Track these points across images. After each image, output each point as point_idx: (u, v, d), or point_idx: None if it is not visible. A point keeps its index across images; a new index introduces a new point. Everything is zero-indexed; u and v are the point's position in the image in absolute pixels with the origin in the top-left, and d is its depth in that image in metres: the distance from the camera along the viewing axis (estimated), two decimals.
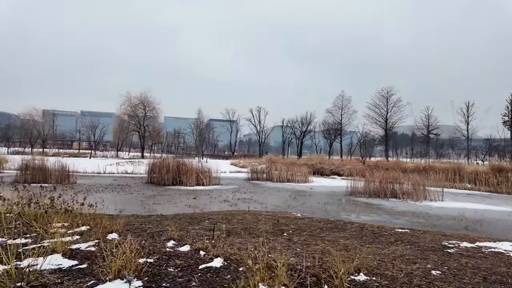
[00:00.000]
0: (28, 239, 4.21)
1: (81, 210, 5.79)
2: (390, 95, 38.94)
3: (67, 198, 6.35)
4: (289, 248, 4.40)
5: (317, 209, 10.14)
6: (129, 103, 43.20)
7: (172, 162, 16.89)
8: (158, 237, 4.64)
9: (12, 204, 5.56)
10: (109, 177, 20.57)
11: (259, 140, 51.18)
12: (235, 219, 6.73)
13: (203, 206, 9.79)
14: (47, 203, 5.57)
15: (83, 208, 5.93)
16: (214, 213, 7.68)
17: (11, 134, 45.17)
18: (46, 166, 16.17)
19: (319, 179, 23.04)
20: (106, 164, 25.25)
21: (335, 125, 42.64)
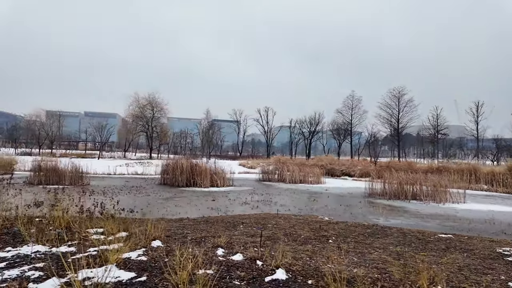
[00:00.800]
0: (72, 247, 3.99)
1: (115, 214, 5.59)
2: (402, 95, 38.60)
3: (89, 201, 6.16)
4: (344, 257, 4.16)
5: (342, 212, 9.89)
6: (137, 104, 43.20)
7: (186, 163, 16.69)
8: (203, 244, 4.41)
9: (54, 208, 5.36)
10: (120, 178, 20.42)
11: (266, 141, 50.84)
12: (269, 223, 6.50)
13: (225, 209, 9.58)
14: (89, 208, 5.37)
15: (115, 213, 5.73)
16: (244, 217, 7.44)
17: (18, 135, 45.24)
18: (59, 167, 16.01)
19: (331, 180, 22.76)
20: (115, 165, 25.11)
21: (345, 125, 42.28)
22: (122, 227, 5.00)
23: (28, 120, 56.93)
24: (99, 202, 7.26)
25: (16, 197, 7.48)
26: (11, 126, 62.14)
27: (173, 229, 5.50)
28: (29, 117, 57.21)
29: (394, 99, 38.70)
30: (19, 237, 4.40)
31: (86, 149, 46.84)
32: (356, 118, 41.82)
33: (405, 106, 38.11)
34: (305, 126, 45.66)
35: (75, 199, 8.53)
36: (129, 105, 44.04)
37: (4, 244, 4.03)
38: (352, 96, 42.93)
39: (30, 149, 43.20)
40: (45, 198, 8.57)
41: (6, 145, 50.34)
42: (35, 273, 3.04)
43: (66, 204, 5.46)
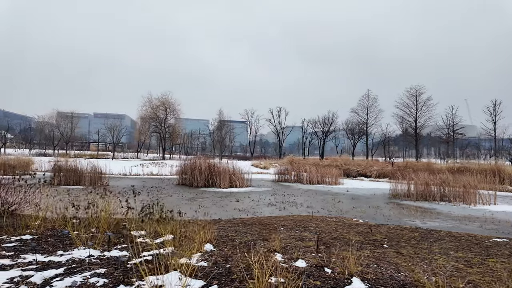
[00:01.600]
0: (123, 251, 3.79)
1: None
2: (420, 94, 37.68)
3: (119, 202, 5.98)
4: (411, 263, 3.86)
5: (373, 214, 9.54)
6: (150, 105, 43.36)
7: (204, 164, 16.53)
8: (256, 249, 4.16)
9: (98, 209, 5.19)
10: (137, 178, 20.41)
11: (278, 141, 50.36)
12: (310, 226, 6.22)
13: (253, 210, 9.34)
14: (129, 209, 5.19)
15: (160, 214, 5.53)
16: (280, 219, 7.19)
17: (32, 136, 45.93)
18: (79, 168, 16.04)
19: (348, 181, 22.31)
20: (130, 165, 25.16)
21: (359, 125, 41.56)
22: (172, 230, 4.80)
23: (41, 122, 57.83)
24: (137, 202, 7.12)
25: (47, 197, 7.37)
26: (25, 127, 63.25)
27: (215, 231, 5.28)
28: (42, 119, 58.11)
29: (412, 98, 37.94)
30: (65, 239, 4.23)
31: (98, 150, 47.33)
32: (372, 118, 41.39)
33: (423, 105, 37.30)
34: (318, 126, 45.26)
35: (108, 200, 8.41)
36: (142, 106, 44.54)
37: (53, 247, 3.86)
38: (367, 95, 42.33)
39: (43, 150, 43.79)
40: (75, 198, 8.50)
41: (20, 146, 51.17)
42: (99, 280, 2.83)
43: (112, 205, 5.29)
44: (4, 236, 4.30)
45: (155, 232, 4.73)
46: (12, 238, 4.23)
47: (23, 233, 4.45)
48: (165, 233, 4.43)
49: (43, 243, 4.04)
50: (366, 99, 41.53)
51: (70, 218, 4.92)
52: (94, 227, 4.80)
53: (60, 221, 5.07)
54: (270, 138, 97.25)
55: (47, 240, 4.21)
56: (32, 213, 6.10)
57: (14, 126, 71.00)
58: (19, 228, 4.64)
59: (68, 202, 6.85)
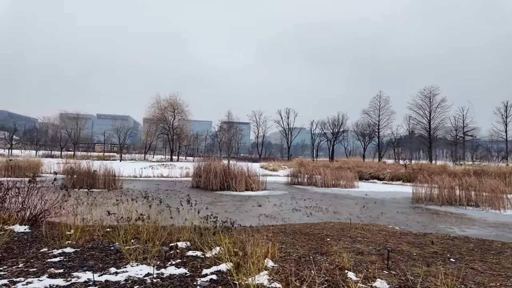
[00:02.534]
0: (181, 268, 3.44)
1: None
2: (434, 95, 37.15)
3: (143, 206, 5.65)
4: (499, 283, 3.49)
5: (405, 220, 9.16)
6: (158, 106, 43.17)
7: (219, 166, 16.20)
8: (320, 265, 3.80)
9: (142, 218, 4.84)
10: (148, 181, 20.11)
11: (287, 142, 49.95)
12: (356, 236, 5.85)
13: (280, 216, 8.98)
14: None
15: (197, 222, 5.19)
16: (318, 227, 6.82)
17: (38, 137, 45.82)
18: (92, 170, 15.73)
19: (362, 184, 21.88)
20: (140, 167, 24.88)
21: (371, 126, 41.03)
22: (213, 241, 4.45)
23: (46, 123, 57.74)
24: (160, 207, 6.79)
25: (77, 203, 7.05)
26: (29, 128, 63.25)
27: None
28: (47, 120, 58.02)
29: (425, 99, 37.44)
30: (111, 253, 3.90)
31: (104, 151, 47.15)
32: (384, 119, 40.90)
33: (437, 107, 36.78)
34: (327, 127, 44.69)
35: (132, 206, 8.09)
36: (151, 107, 44.32)
37: (103, 263, 3.52)
38: (379, 96, 41.67)
39: (50, 151, 43.66)
40: (101, 203, 8.17)
41: (26, 147, 51.08)
42: None
43: (156, 214, 4.95)
44: (45, 249, 3.97)
45: (212, 243, 4.38)
46: (54, 251, 3.90)
47: (64, 245, 4.12)
48: (225, 245, 4.08)
49: (88, 258, 3.70)
50: (377, 100, 41.08)
51: (115, 228, 4.58)
52: (140, 239, 4.46)
53: (99, 231, 4.75)
54: (273, 139, 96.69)
55: (91, 253, 3.88)
56: (63, 220, 5.78)
57: (18, 127, 71.14)
58: (58, 239, 4.31)
59: (94, 206, 6.54)
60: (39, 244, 4.27)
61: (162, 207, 7.05)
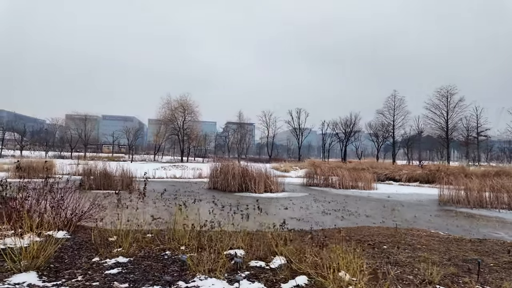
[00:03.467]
0: (256, 282, 3.09)
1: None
2: (451, 95, 36.35)
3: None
4: None
5: (444, 224, 8.73)
6: (168, 106, 43.01)
7: (237, 167, 15.88)
8: (409, 280, 3.42)
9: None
10: (163, 182, 19.83)
11: (298, 143, 49.44)
12: (414, 244, 5.44)
13: (312, 220, 8.60)
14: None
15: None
16: (363, 232, 6.43)
17: (48, 138, 45.95)
18: (108, 171, 15.51)
19: (379, 186, 21.38)
20: (152, 168, 24.66)
21: (385, 127, 40.36)
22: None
23: (54, 124, 57.94)
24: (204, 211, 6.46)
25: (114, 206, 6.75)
26: (37, 129, 63.58)
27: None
28: (56, 121, 58.23)
29: (442, 98, 36.71)
30: (167, 262, 3.56)
31: (113, 152, 47.11)
32: (399, 119, 40.09)
33: (455, 107, 35.95)
34: (339, 128, 44.01)
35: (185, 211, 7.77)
36: (161, 108, 44.27)
37: (169, 276, 3.17)
38: (394, 96, 40.85)
39: (59, 152, 43.72)
40: (132, 206, 7.87)
41: (35, 149, 51.23)
42: None
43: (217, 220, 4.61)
44: (96, 258, 3.64)
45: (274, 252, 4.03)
46: (107, 260, 3.57)
47: (115, 254, 3.79)
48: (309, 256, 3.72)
49: (148, 269, 3.37)
50: (392, 100, 40.35)
51: (157, 234, 4.24)
52: (189, 245, 4.12)
53: (147, 238, 4.42)
54: (277, 139, 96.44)
55: (148, 264, 3.54)
56: (99, 225, 5.48)
57: (26, 128, 71.58)
58: (104, 247, 3.99)
59: (132, 209, 6.24)
60: (86, 252, 3.95)
61: (194, 210, 6.72)
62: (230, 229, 5.42)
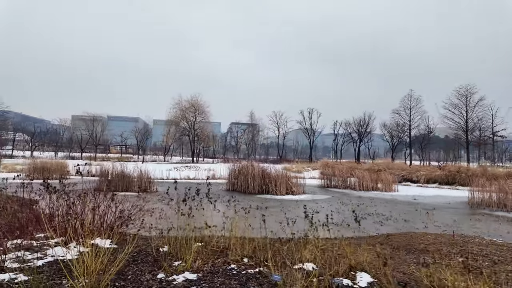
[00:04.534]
0: None
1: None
2: (471, 94, 35.56)
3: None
4: None
5: (491, 229, 8.21)
6: (179, 107, 42.76)
7: (257, 169, 15.48)
8: None
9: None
10: (178, 183, 19.47)
11: (310, 144, 48.88)
12: (469, 250, 4.98)
13: (352, 225, 8.13)
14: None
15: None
16: (416, 240, 5.97)
17: (58, 139, 45.96)
18: (126, 173, 15.19)
19: (399, 187, 20.81)
20: (165, 169, 24.36)
21: (400, 127, 39.63)
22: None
23: (62, 125, 58.07)
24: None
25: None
26: (45, 130, 63.73)
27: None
28: (64, 122, 58.35)
29: (462, 98, 35.93)
30: (243, 280, 3.14)
31: (122, 153, 46.98)
32: (415, 119, 39.48)
33: (475, 106, 35.16)
34: (351, 128, 43.38)
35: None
36: (171, 108, 44.10)
37: None
38: (410, 96, 40.44)
39: (68, 152, 43.68)
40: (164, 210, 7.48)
41: (44, 149, 51.32)
42: None
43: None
44: (162, 275, 3.23)
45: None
46: (175, 277, 3.17)
47: (180, 269, 3.38)
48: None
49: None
50: (408, 99, 39.63)
51: (235, 248, 3.82)
52: (255, 256, 3.70)
53: (209, 249, 4.01)
54: (280, 140, 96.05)
55: (222, 281, 3.13)
56: (141, 231, 5.10)
57: (31, 129, 71.90)
58: (163, 259, 3.59)
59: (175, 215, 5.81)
60: (145, 265, 3.55)
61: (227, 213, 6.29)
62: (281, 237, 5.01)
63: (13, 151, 38.54)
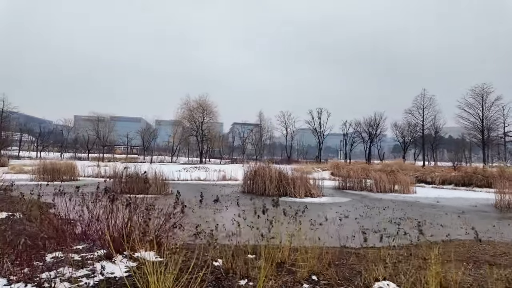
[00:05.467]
0: None
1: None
2: (487, 93, 34.97)
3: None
4: None
5: None
6: (186, 107, 42.40)
7: (274, 170, 15.09)
8: None
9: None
10: (190, 184, 19.15)
11: (319, 144, 48.33)
12: None
13: (389, 231, 7.70)
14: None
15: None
16: (471, 249, 5.54)
17: (63, 139, 45.73)
18: (142, 174, 14.80)
19: (417, 189, 20.33)
20: (175, 170, 24.01)
21: (411, 127, 39.09)
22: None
23: (67, 125, 57.87)
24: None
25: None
26: (50, 130, 63.59)
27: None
28: (69, 123, 58.16)
29: (477, 97, 35.32)
30: None
31: (127, 153, 46.70)
32: (428, 119, 38.84)
33: (491, 106, 34.59)
34: (361, 128, 42.84)
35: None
36: (179, 108, 43.81)
37: None
38: (423, 95, 39.87)
39: (74, 153, 43.43)
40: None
41: (49, 150, 51.11)
42: None
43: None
44: None
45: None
46: None
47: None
48: None
49: None
50: (421, 99, 39.07)
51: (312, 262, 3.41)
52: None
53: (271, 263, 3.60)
54: (284, 140, 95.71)
55: None
56: (178, 241, 4.71)
57: (36, 129, 71.79)
58: (232, 278, 3.19)
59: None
60: (210, 286, 3.14)
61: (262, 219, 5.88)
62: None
63: (19, 152, 38.35)
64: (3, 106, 34.20)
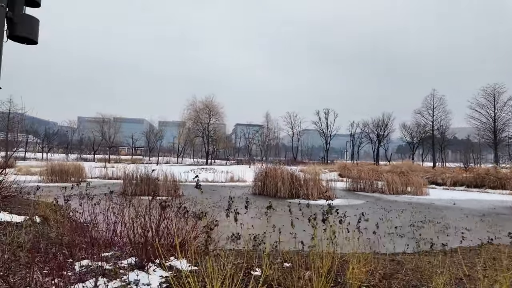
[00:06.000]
0: None
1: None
2: (499, 93, 34.50)
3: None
4: None
5: None
6: (193, 108, 42.28)
7: (286, 172, 14.85)
8: None
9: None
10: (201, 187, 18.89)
11: (326, 145, 48.00)
12: None
13: (416, 235, 7.43)
14: None
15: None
16: None
17: (69, 141, 45.82)
18: (153, 176, 14.62)
19: (429, 191, 19.97)
20: (183, 171, 23.81)
21: (420, 127, 38.67)
22: None
23: (72, 127, 57.97)
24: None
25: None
26: (55, 132, 63.78)
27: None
28: (73, 124, 58.24)
29: (489, 97, 34.90)
30: None
31: (132, 154, 46.69)
32: (438, 119, 38.37)
33: (504, 106, 34.10)
34: (369, 129, 42.44)
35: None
36: (185, 109, 43.65)
37: None
38: (432, 95, 39.34)
39: (79, 154, 43.47)
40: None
41: (54, 151, 51.16)
42: None
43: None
44: None
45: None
46: None
47: None
48: None
49: None
50: (431, 99, 38.66)
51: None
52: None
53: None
54: (286, 141, 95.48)
55: None
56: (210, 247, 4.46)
57: (41, 130, 71.98)
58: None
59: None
60: None
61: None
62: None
63: (25, 153, 38.42)
64: (10, 107, 34.29)
